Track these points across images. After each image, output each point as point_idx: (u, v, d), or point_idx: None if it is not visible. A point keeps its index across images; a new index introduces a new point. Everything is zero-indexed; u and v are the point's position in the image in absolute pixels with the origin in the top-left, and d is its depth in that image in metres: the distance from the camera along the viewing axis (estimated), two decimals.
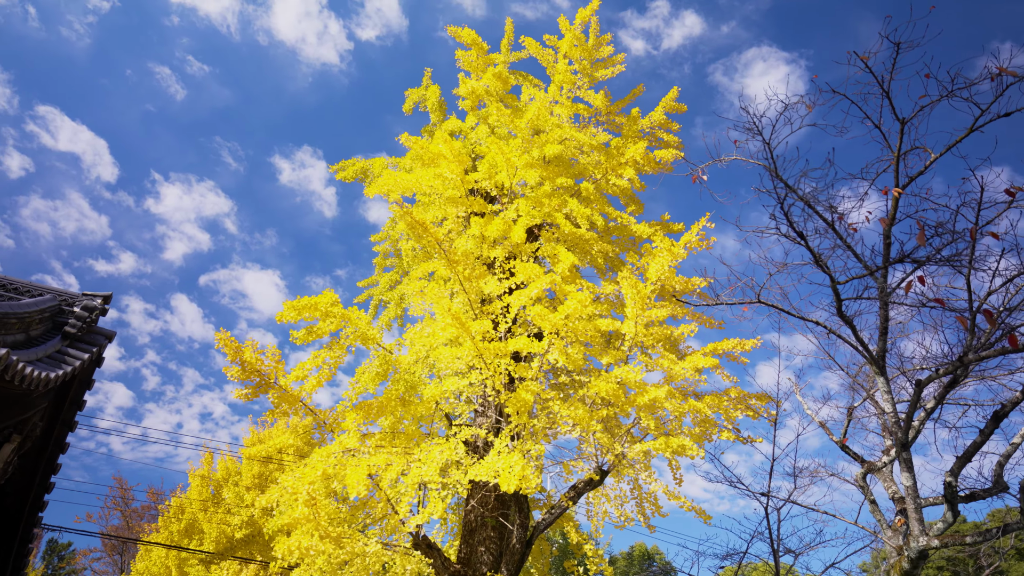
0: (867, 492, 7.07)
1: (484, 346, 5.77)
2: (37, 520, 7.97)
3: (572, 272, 7.60)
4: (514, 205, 8.30)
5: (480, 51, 9.96)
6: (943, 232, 4.74)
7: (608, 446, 6.81)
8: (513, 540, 6.81)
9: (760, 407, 7.59)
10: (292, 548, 5.35)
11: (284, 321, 6.52)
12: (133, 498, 34.11)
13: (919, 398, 5.46)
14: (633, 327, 6.74)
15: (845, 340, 5.81)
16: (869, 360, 5.73)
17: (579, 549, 8.02)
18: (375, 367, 7.51)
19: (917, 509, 5.65)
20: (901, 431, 5.68)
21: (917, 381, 5.42)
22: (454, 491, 5.76)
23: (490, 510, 7.53)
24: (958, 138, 5.58)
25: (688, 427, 7.42)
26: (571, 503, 6.90)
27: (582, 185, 9.30)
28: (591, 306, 5.98)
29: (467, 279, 6.30)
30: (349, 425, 6.39)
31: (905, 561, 5.77)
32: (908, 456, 5.67)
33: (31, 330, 6.80)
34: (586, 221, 8.74)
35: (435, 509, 5.34)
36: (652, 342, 7.35)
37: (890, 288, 5.48)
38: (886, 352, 5.73)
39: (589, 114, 10.46)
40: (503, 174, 8.43)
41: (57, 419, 7.52)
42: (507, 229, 7.48)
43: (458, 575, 7.03)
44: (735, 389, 7.53)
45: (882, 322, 5.68)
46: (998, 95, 5.46)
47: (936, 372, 5.26)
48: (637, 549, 27.95)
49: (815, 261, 4.62)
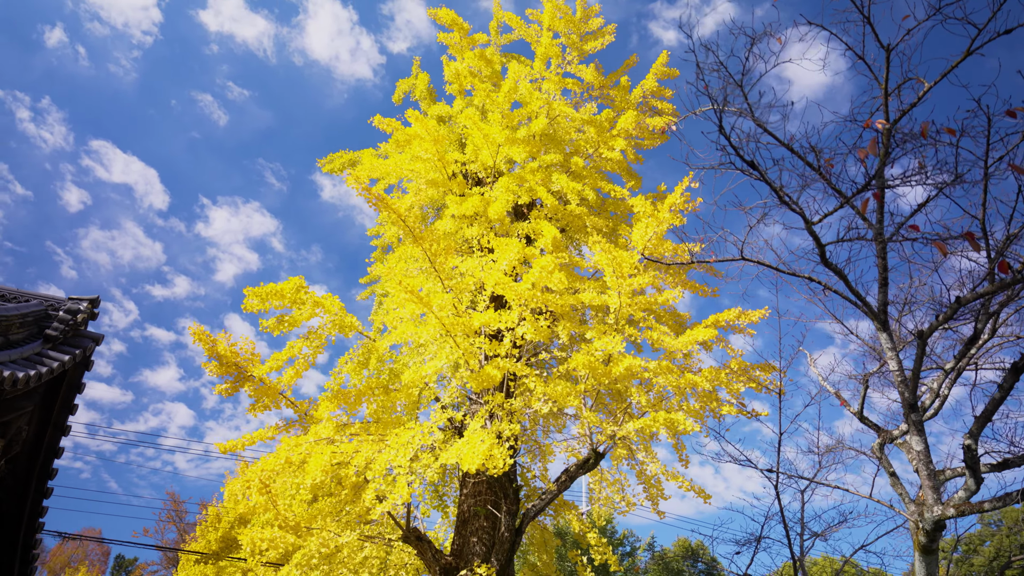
0: (886, 464, 6.49)
1: (451, 321, 5.47)
2: (39, 526, 8.00)
3: (557, 246, 7.24)
4: (498, 184, 7.99)
5: (462, 32, 9.69)
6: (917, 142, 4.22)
7: (596, 424, 6.43)
8: (502, 529, 6.47)
9: (764, 378, 7.09)
10: (254, 539, 5.15)
11: (251, 310, 6.35)
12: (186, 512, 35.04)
13: (924, 352, 4.92)
14: (617, 298, 6.34)
15: (841, 295, 5.30)
16: (869, 314, 5.21)
17: (583, 538, 7.64)
18: (358, 355, 7.30)
19: (931, 476, 5.11)
20: (908, 391, 5.14)
21: (919, 332, 4.88)
22: (422, 476, 5.46)
23: (483, 499, 7.21)
24: (954, 63, 5.05)
25: (688, 403, 6.98)
26: (559, 487, 6.53)
27: (572, 160, 8.93)
28: (558, 273, 5.62)
29: (435, 255, 6.01)
30: (322, 414, 6.17)
31: (921, 535, 5.23)
32: (918, 418, 5.13)
33: (11, 334, 6.80)
34: (576, 196, 8.38)
35: (401, 494, 5.05)
36: (640, 314, 6.93)
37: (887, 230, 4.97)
38: (888, 305, 5.20)
39: (580, 89, 10.09)
40: (485, 152, 8.13)
41: (48, 423, 7.52)
42: (484, 207, 7.18)
43: (449, 567, 6.74)
44: (736, 360, 7.05)
45: (881, 271, 5.17)
46: (995, 11, 4.92)
47: (937, 319, 4.71)
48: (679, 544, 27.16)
49: (779, 198, 4.15)
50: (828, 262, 4.68)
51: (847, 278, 4.92)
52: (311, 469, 4.98)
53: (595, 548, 7.46)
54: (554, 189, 9.13)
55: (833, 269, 4.77)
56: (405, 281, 5.16)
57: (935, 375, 6.47)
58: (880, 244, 5.16)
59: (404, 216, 5.85)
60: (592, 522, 15.53)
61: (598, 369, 5.49)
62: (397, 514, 5.57)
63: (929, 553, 5.32)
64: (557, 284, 6.33)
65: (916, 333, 4.88)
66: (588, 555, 8.01)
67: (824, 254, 4.61)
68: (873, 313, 5.22)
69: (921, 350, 4.93)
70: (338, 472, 5.79)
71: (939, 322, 4.65)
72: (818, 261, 4.75)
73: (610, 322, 6.67)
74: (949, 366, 6.15)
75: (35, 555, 8.29)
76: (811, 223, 4.25)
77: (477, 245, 7.37)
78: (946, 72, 5.03)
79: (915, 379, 5.05)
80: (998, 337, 7.12)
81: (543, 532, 8.04)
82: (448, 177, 7.93)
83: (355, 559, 6.02)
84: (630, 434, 6.55)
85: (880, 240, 5.16)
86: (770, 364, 7.03)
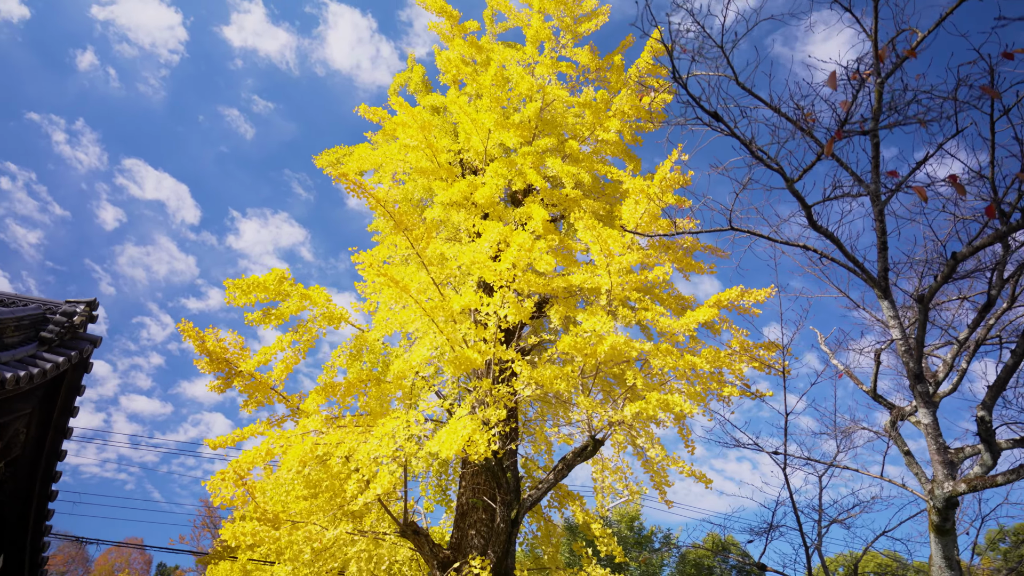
0: (899, 442, 6.14)
1: (430, 306, 5.31)
2: (46, 529, 8.06)
3: (548, 229, 7.03)
4: (489, 169, 7.82)
5: (452, 20, 9.55)
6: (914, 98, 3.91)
7: (593, 410, 6.21)
8: (497, 520, 6.28)
9: (768, 357, 6.79)
10: (236, 533, 5.05)
11: (238, 304, 6.28)
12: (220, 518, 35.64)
13: (926, 317, 4.59)
14: (608, 278, 6.11)
15: (839, 263, 5.00)
16: (868, 282, 4.91)
17: (588, 529, 7.41)
18: (350, 348, 7.19)
19: (940, 450, 4.78)
20: (913, 361, 4.82)
21: (919, 296, 4.57)
22: (405, 465, 5.30)
23: (481, 491, 7.04)
24: (949, 9, 4.74)
25: (688, 385, 6.72)
26: (555, 475, 6.32)
27: (567, 143, 8.72)
28: (546, 256, 5.42)
29: (417, 240, 5.86)
30: (308, 406, 6.06)
31: (934, 514, 4.90)
32: (924, 390, 4.81)
33: (5, 337, 6.82)
34: (571, 179, 8.17)
35: (382, 484, 4.91)
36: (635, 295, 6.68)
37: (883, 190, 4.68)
38: (888, 270, 4.89)
39: (576, 73, 9.87)
40: (476, 138, 7.96)
41: (48, 426, 7.55)
42: (472, 192, 7.01)
43: (448, 562, 6.58)
44: (737, 339, 6.77)
45: (879, 234, 4.86)
46: None
47: (936, 281, 4.39)
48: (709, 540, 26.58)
49: (750, 153, 3.87)
50: (816, 224, 4.39)
51: (840, 242, 4.63)
52: (287, 460, 4.86)
53: (600, 540, 7.23)
54: (550, 175, 8.94)
55: (823, 232, 4.48)
56: (376, 262, 5.02)
57: (947, 350, 6.10)
58: (877, 206, 4.86)
59: (383, 201, 5.71)
60: (604, 515, 15.33)
61: (584, 350, 5.28)
62: (397, 510, 5.41)
63: (944, 533, 4.99)
64: (544, 266, 6.13)
65: (916, 297, 4.57)
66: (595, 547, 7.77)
67: (811, 216, 4.32)
68: (873, 280, 4.92)
69: (923, 316, 4.61)
70: (325, 464, 5.67)
71: (938, 283, 4.34)
72: (806, 225, 4.47)
73: (603, 304, 6.45)
74: (963, 336, 5.79)
75: (44, 558, 8.35)
76: (792, 181, 3.98)
77: (466, 232, 7.21)
78: (941, 19, 4.72)
79: (919, 348, 4.73)
80: (1021, 306, 6.71)
81: (547, 524, 7.83)
82: (439, 166, 7.77)
83: (345, 553, 5.89)
84: (627, 419, 6.32)
85: (877, 201, 4.86)
86: (773, 343, 6.73)
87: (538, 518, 7.93)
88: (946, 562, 5.08)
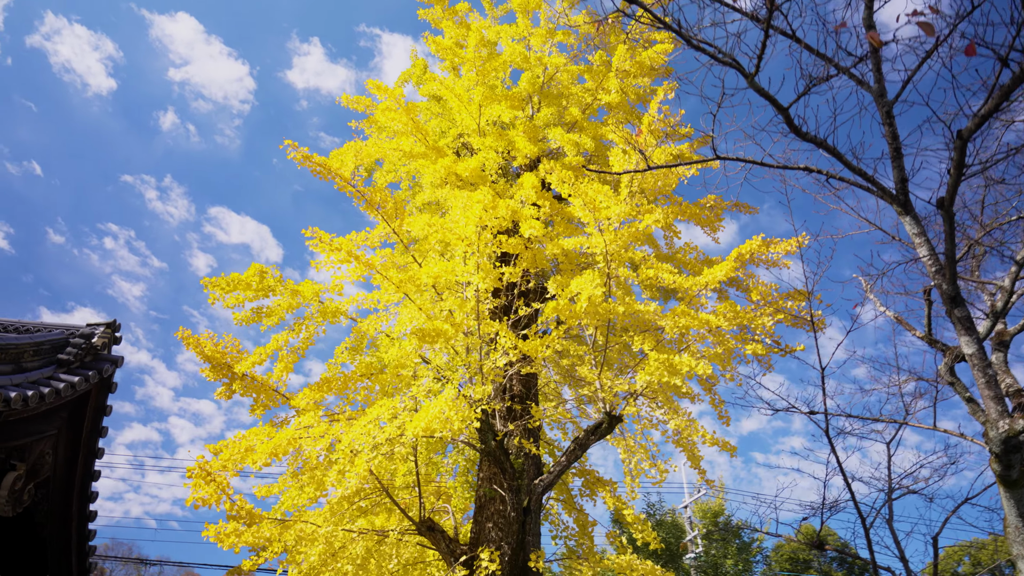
0: (960, 388, 5.27)
1: (398, 277, 4.98)
2: (90, 550, 8.22)
3: (541, 196, 6.58)
4: (484, 142, 7.47)
5: (441, 3, 9.27)
6: None
7: (596, 380, 5.68)
8: (507, 509, 5.83)
9: (797, 308, 6.06)
10: (218, 531, 4.86)
11: (227, 304, 6.16)
12: None
13: (952, 226, 3.83)
14: (600, 237, 5.58)
15: (848, 182, 4.30)
16: (884, 196, 4.21)
17: (620, 515, 6.82)
18: (351, 342, 6.95)
19: (989, 383, 3.98)
20: (946, 281, 4.07)
21: (938, 201, 3.82)
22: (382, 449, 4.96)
23: (498, 481, 6.59)
24: None
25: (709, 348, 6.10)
26: (567, 457, 5.80)
27: (567, 111, 8.26)
28: (499, 207, 4.98)
29: (391, 218, 5.55)
30: (299, 402, 5.84)
31: (994, 462, 4.10)
32: (963, 313, 4.03)
33: (23, 362, 6.99)
34: (574, 147, 7.72)
35: (358, 470, 4.58)
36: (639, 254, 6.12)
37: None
38: (906, 180, 4.18)
39: (577, 41, 9.39)
40: (465, 114, 7.61)
41: (78, 446, 7.70)
42: (457, 168, 6.66)
43: (470, 558, 6.17)
44: (757, 291, 6.08)
45: (890, 140, 4.15)
46: None
47: (950, 175, 3.63)
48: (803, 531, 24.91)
49: (686, 42, 3.24)
50: (799, 130, 3.75)
51: (837, 151, 3.97)
52: (256, 455, 4.63)
53: (633, 527, 6.65)
54: (554, 147, 8.49)
55: (811, 140, 3.83)
56: (333, 238, 4.73)
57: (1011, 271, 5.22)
58: (884, 106, 4.17)
59: (349, 180, 5.44)
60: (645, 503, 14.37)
61: (565, 311, 4.80)
62: (336, 494, 5.11)
63: (1011, 485, 4.17)
64: (530, 230, 5.69)
65: (936, 203, 3.84)
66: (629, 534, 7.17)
67: (790, 120, 3.69)
68: (889, 194, 4.22)
69: (949, 225, 3.85)
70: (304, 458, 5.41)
71: (953, 177, 3.59)
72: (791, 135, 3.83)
73: (601, 267, 5.93)
74: (1021, 256, 4.93)
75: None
76: (751, 75, 3.36)
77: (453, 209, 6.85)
78: None
79: (950, 264, 3.97)
80: None
81: (580, 515, 7.28)
82: (431, 148, 7.47)
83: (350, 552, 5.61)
84: (639, 389, 5.77)
85: (884, 102, 4.17)
86: (800, 291, 6.00)
87: (571, 508, 7.40)
88: (1021, 520, 4.26)
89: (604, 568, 6.01)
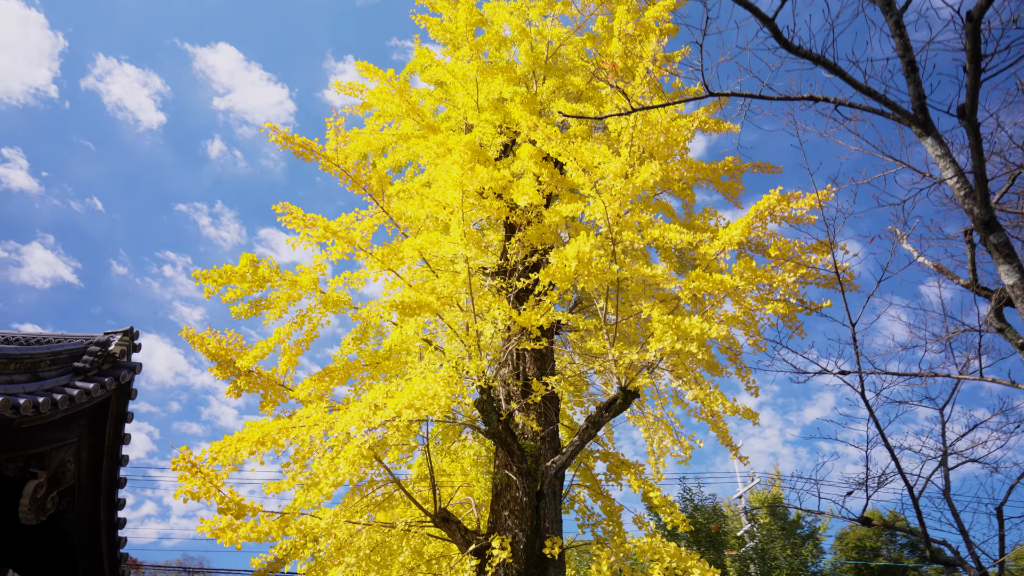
0: (1009, 333, 4.71)
1: (380, 252, 4.74)
2: (122, 557, 8.26)
3: (541, 166, 6.26)
4: (480, 117, 7.19)
5: None
6: None
7: (615, 355, 5.29)
8: (519, 494, 5.51)
9: (823, 261, 5.56)
10: (211, 525, 4.70)
11: (224, 299, 6.05)
12: None
13: (979, 139, 3.34)
14: (598, 199, 5.21)
15: (859, 107, 3.84)
16: (900, 117, 3.74)
17: (647, 498, 6.42)
18: (355, 331, 6.77)
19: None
20: (978, 205, 3.57)
21: (959, 110, 3.33)
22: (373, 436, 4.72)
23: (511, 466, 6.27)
24: None
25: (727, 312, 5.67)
26: (580, 437, 5.44)
27: (568, 79, 7.92)
28: (476, 171, 4.67)
29: (378, 194, 5.33)
30: (299, 393, 5.67)
31: None
32: (1000, 239, 3.52)
33: (40, 371, 7.04)
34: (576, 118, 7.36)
35: (347, 455, 4.35)
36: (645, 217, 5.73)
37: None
38: (924, 98, 3.70)
39: (578, 13, 9.02)
40: (460, 91, 7.34)
41: (101, 454, 7.73)
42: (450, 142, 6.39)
43: (483, 548, 5.87)
44: (775, 247, 5.62)
45: (902, 53, 3.69)
46: None
47: (968, 78, 3.14)
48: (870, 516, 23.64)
49: None
50: (789, 43, 3.32)
51: (839, 67, 3.53)
52: (242, 443, 4.45)
53: (661, 509, 6.23)
54: (558, 120, 8.15)
55: (803, 54, 3.41)
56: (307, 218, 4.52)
57: None
58: (892, 16, 3.71)
59: (333, 159, 5.24)
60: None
61: (558, 274, 4.46)
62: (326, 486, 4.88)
63: None
64: (523, 198, 5.37)
65: (957, 112, 3.36)
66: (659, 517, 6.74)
67: (778, 32, 3.27)
68: (907, 114, 3.75)
69: (974, 138, 3.36)
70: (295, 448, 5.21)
71: (970, 79, 3.11)
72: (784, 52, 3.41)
73: (604, 232, 5.56)
74: None
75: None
76: None
77: None
78: None
79: (980, 182, 3.48)
80: None
81: (606, 501, 6.89)
82: (427, 128, 7.23)
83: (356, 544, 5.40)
84: (652, 359, 5.37)
85: (891, 10, 3.71)
86: (824, 243, 5.51)
87: (596, 495, 7.02)
88: None
89: (626, 552, 5.61)
